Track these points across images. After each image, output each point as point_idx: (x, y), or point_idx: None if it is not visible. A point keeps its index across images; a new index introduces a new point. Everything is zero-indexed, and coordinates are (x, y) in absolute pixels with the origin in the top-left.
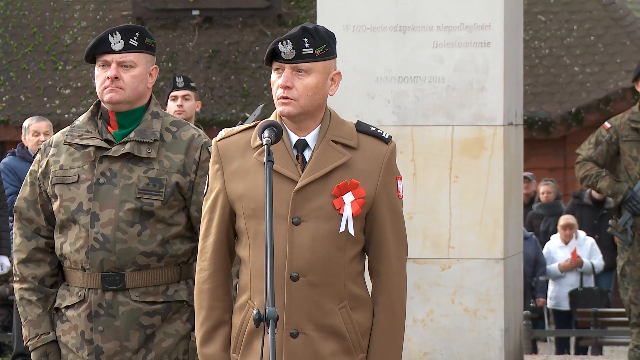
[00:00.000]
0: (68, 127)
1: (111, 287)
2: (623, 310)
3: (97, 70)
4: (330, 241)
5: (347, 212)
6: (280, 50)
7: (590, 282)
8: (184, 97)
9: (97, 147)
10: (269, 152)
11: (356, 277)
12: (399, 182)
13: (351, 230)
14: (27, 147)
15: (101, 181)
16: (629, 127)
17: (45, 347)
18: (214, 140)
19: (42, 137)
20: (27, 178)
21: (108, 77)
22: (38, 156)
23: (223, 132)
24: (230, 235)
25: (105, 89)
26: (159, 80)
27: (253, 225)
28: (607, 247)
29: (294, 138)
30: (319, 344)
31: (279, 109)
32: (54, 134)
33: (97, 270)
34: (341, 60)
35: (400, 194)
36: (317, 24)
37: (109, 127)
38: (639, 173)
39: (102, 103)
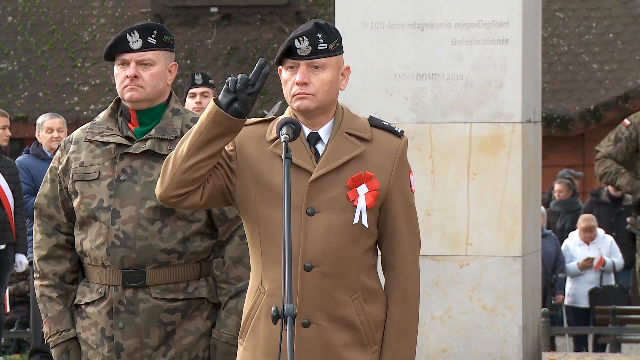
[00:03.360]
0: (88, 124)
1: (132, 284)
2: None
3: (117, 69)
4: (344, 232)
5: (361, 203)
6: (297, 46)
7: (609, 280)
8: (202, 94)
9: (118, 144)
10: (287, 149)
11: (369, 269)
12: (410, 176)
13: (365, 222)
14: (41, 145)
15: (122, 178)
16: None
17: (66, 343)
18: None
19: (55, 134)
20: (47, 175)
21: (127, 76)
22: (58, 153)
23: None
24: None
25: (125, 87)
26: (178, 77)
27: (264, 211)
28: (625, 245)
29: (307, 131)
30: (330, 334)
31: (296, 104)
32: (73, 131)
33: (118, 267)
34: (359, 57)
35: (413, 187)
36: (336, 21)
37: (129, 124)
38: None
39: (122, 100)
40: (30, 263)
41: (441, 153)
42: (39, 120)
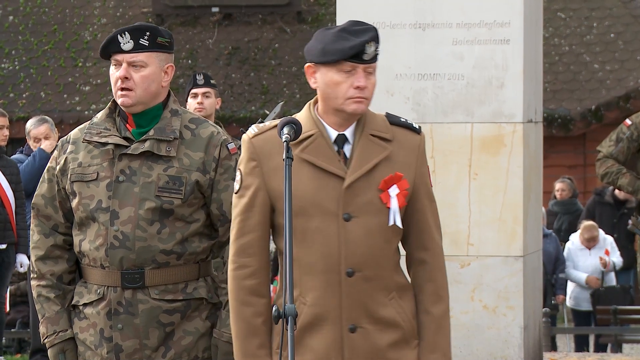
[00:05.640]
0: (86, 124)
1: (131, 285)
2: None
3: (111, 69)
4: (380, 235)
5: (394, 205)
6: (366, 51)
7: (610, 281)
8: (204, 95)
9: (116, 145)
10: (288, 149)
11: (397, 266)
12: (429, 170)
13: (399, 223)
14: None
15: (120, 179)
16: None
17: (63, 344)
18: (245, 137)
19: (42, 142)
20: (45, 174)
21: (118, 77)
22: (55, 153)
23: (255, 129)
24: (269, 231)
25: (117, 90)
26: (179, 77)
27: (300, 222)
28: (625, 247)
29: (334, 134)
30: (376, 336)
31: (352, 107)
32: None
33: (117, 268)
34: None
35: (431, 182)
36: (337, 20)
37: (127, 125)
38: None
39: None
40: None
41: (442, 153)
42: (27, 126)
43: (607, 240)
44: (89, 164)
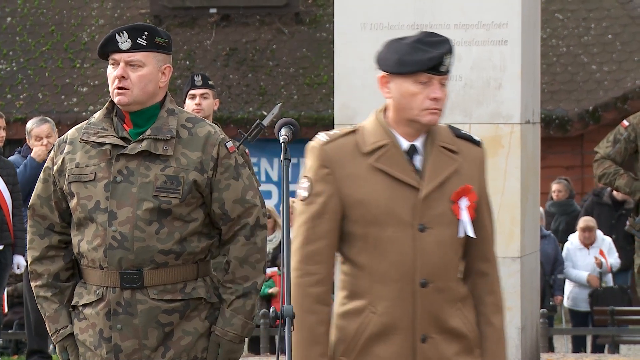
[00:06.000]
0: (83, 124)
1: (129, 286)
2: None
3: (109, 69)
4: (451, 246)
5: (465, 216)
6: (444, 63)
7: (607, 281)
8: (202, 96)
9: (114, 145)
10: (286, 150)
11: (459, 278)
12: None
13: (472, 234)
14: (32, 149)
15: (118, 179)
16: None
17: (63, 341)
18: (315, 144)
19: (44, 141)
20: (41, 175)
21: (116, 77)
22: (52, 153)
23: (325, 136)
24: (338, 240)
25: (114, 89)
26: (177, 78)
27: (373, 231)
28: (624, 248)
29: (405, 144)
30: (444, 346)
31: (427, 118)
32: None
33: (115, 269)
34: (358, 58)
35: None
36: (335, 21)
37: (124, 125)
38: None
39: None
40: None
41: None
42: (28, 126)
43: (606, 241)
44: (86, 165)
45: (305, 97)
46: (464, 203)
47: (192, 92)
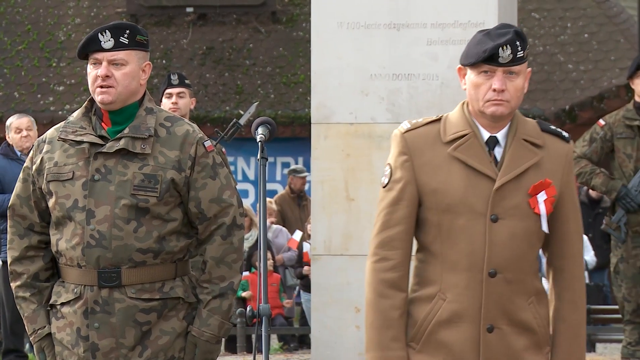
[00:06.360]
0: (62, 123)
1: (107, 284)
2: (616, 307)
3: (89, 68)
4: (525, 239)
5: (542, 210)
6: (500, 55)
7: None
8: (178, 95)
9: (92, 144)
10: (262, 149)
11: (537, 272)
12: (575, 180)
13: (546, 229)
14: (12, 146)
15: (96, 178)
16: (623, 125)
17: (40, 341)
18: (397, 131)
19: (24, 133)
20: (20, 175)
21: (99, 76)
22: (31, 153)
23: (407, 124)
24: (413, 226)
25: (97, 88)
26: (153, 77)
27: (447, 219)
28: (600, 246)
29: (486, 134)
30: (512, 338)
31: (490, 109)
32: (47, 130)
33: (93, 267)
34: (335, 57)
35: (577, 191)
36: (311, 21)
37: (102, 124)
38: (633, 170)
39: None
40: (4, 263)
41: None
42: (8, 122)
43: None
44: (64, 163)
45: (282, 96)
46: (541, 197)
47: (168, 91)
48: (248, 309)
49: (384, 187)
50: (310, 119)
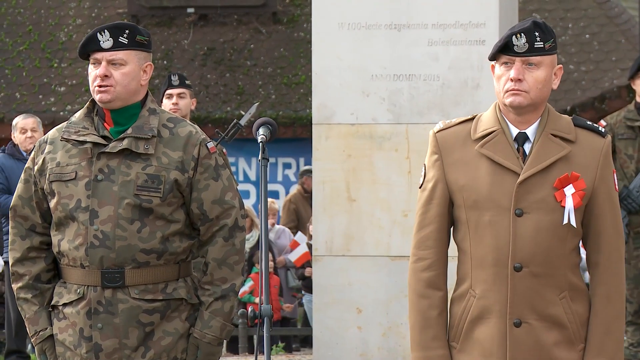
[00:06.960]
0: (64, 124)
1: (111, 285)
2: None
3: (90, 68)
4: (552, 233)
5: (569, 204)
6: (514, 43)
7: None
8: (179, 95)
9: (95, 144)
10: (263, 150)
11: (574, 268)
12: (615, 175)
13: (573, 222)
14: (17, 145)
15: (99, 178)
16: (624, 125)
17: (42, 343)
18: (432, 131)
19: (29, 134)
20: (22, 175)
21: (98, 75)
22: (33, 153)
23: (440, 124)
24: (449, 224)
25: (95, 87)
26: (154, 78)
27: (474, 216)
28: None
29: (515, 131)
30: (541, 333)
31: (508, 99)
32: (49, 131)
33: (97, 268)
34: (336, 58)
35: (616, 186)
36: (312, 21)
37: (105, 124)
38: (634, 171)
39: None
40: (6, 263)
41: (418, 154)
42: (14, 122)
43: None
44: (67, 164)
45: (283, 96)
46: (569, 190)
47: (169, 91)
48: (250, 309)
49: (420, 187)
50: (312, 119)
